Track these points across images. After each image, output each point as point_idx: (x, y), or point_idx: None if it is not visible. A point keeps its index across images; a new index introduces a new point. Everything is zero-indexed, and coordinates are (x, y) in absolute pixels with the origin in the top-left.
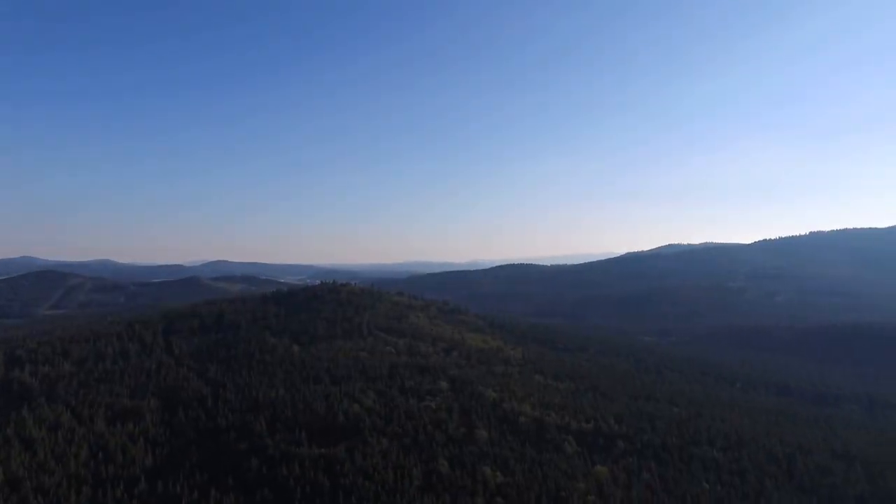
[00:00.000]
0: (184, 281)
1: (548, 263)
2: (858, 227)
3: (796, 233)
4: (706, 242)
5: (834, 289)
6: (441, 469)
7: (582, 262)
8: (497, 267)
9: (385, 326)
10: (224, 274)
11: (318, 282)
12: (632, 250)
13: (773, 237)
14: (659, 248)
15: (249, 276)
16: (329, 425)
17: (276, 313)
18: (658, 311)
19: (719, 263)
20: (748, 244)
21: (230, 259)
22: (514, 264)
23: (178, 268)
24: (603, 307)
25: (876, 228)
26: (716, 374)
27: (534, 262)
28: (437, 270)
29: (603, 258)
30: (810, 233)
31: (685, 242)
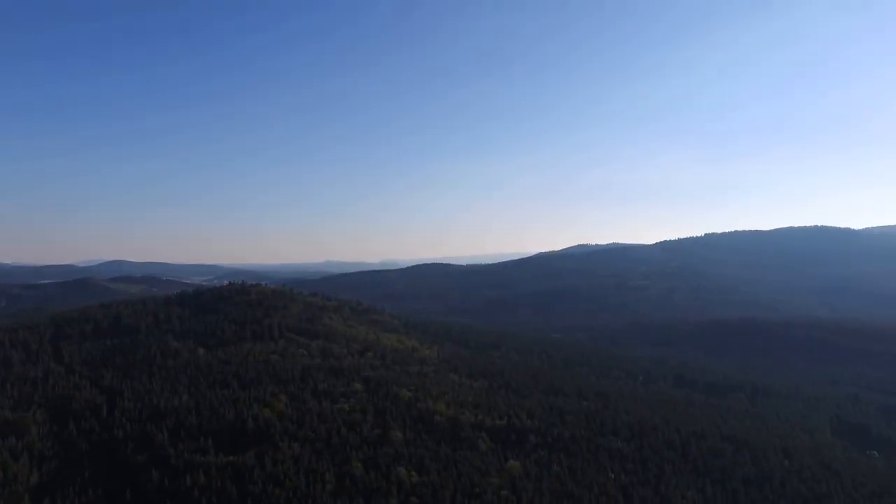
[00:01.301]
0: (76, 282)
1: (463, 263)
2: (747, 229)
3: (693, 234)
4: (612, 243)
5: (725, 286)
6: (355, 472)
7: (496, 261)
8: (412, 266)
9: (297, 328)
10: (122, 274)
11: (225, 282)
12: (543, 250)
13: (672, 238)
14: (569, 248)
15: (150, 277)
16: (237, 431)
17: (181, 316)
18: (567, 309)
19: (624, 263)
20: (650, 244)
21: (129, 259)
22: (428, 264)
23: (69, 268)
24: (516, 306)
25: (762, 231)
26: (621, 367)
27: (448, 262)
28: (350, 270)
29: (516, 258)
30: (705, 234)
31: (593, 243)
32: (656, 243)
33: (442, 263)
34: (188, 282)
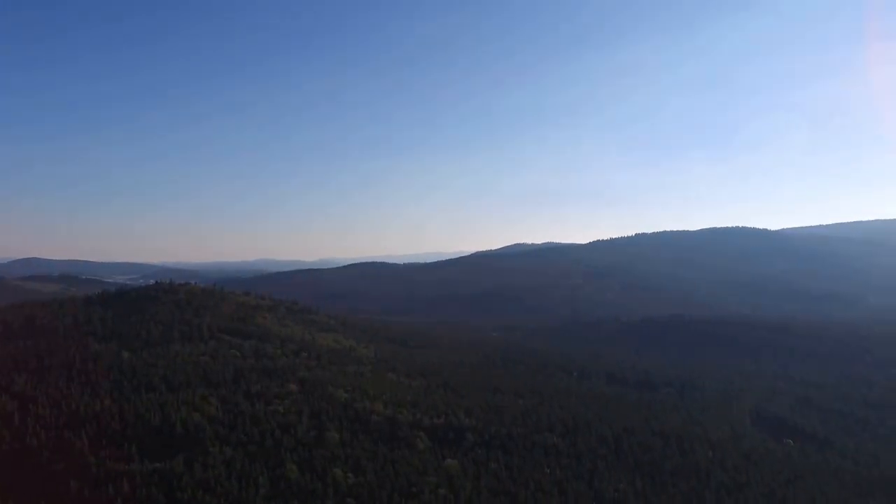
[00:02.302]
0: None
1: (401, 262)
2: (675, 229)
3: (624, 234)
4: (548, 242)
5: (656, 284)
6: (290, 475)
7: (434, 260)
8: (349, 265)
9: (229, 328)
10: (37, 273)
11: (152, 282)
12: (481, 250)
13: (604, 238)
14: (506, 247)
15: (69, 276)
16: (165, 437)
17: (103, 317)
18: (505, 308)
19: (559, 262)
20: (584, 244)
21: (45, 256)
22: (366, 262)
23: None
24: (455, 304)
25: (688, 231)
26: (556, 365)
27: (387, 261)
28: (286, 269)
29: (454, 257)
30: (636, 234)
31: (529, 242)
32: (590, 243)
33: (380, 262)
34: (111, 281)
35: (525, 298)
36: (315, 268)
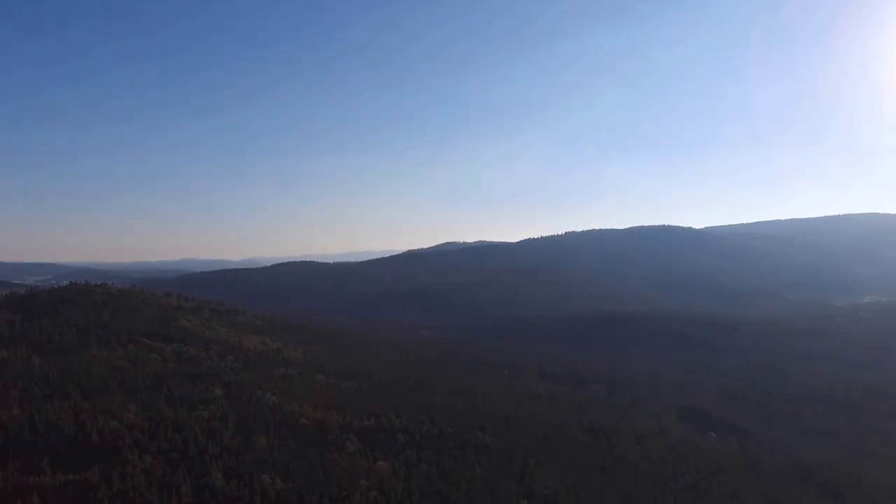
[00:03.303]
0: None
1: (331, 261)
2: (603, 227)
3: (555, 232)
4: (480, 241)
5: (585, 282)
6: (215, 482)
7: (365, 259)
8: (277, 265)
9: (150, 331)
10: None
11: (66, 283)
12: (413, 248)
13: (535, 236)
14: (438, 245)
15: None
16: (79, 447)
17: (10, 320)
18: (437, 306)
19: (491, 260)
20: (515, 242)
21: None
22: (295, 262)
23: None
24: (386, 303)
25: (616, 229)
26: (488, 363)
27: (316, 260)
28: (211, 269)
29: (386, 255)
30: (566, 232)
31: (461, 241)
32: (521, 241)
33: (309, 262)
34: (19, 282)
35: (457, 297)
36: (241, 268)
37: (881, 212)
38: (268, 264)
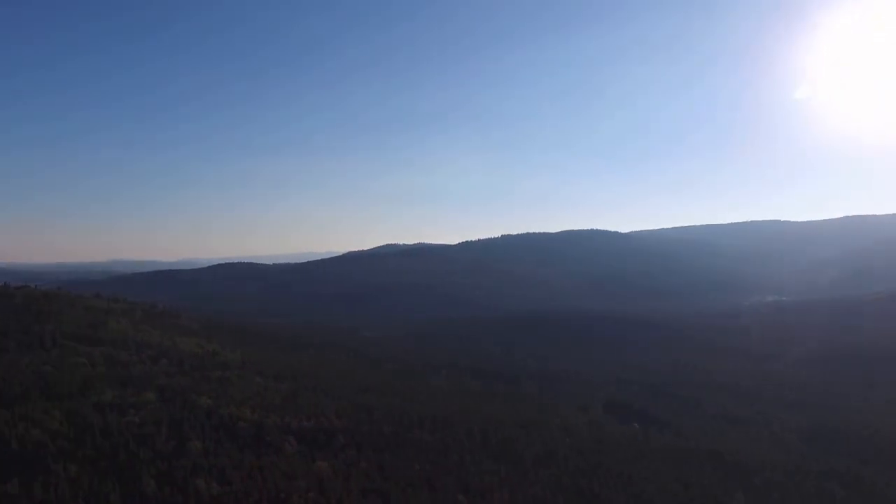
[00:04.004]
0: None
1: (269, 262)
2: (537, 231)
3: (491, 235)
4: (419, 243)
5: (521, 283)
6: (146, 489)
7: (304, 260)
8: (214, 266)
9: (77, 335)
10: None
11: None
12: (353, 250)
13: (473, 239)
14: (377, 247)
15: None
16: None
17: None
18: (377, 307)
19: (430, 262)
20: (454, 245)
21: None
22: (233, 263)
23: None
24: (326, 305)
25: (549, 233)
26: (426, 362)
27: (254, 261)
28: (143, 270)
29: (326, 257)
30: (502, 235)
31: (401, 242)
32: (459, 243)
33: (247, 263)
34: None
35: (396, 298)
36: (176, 268)
37: (782, 219)
38: (203, 265)
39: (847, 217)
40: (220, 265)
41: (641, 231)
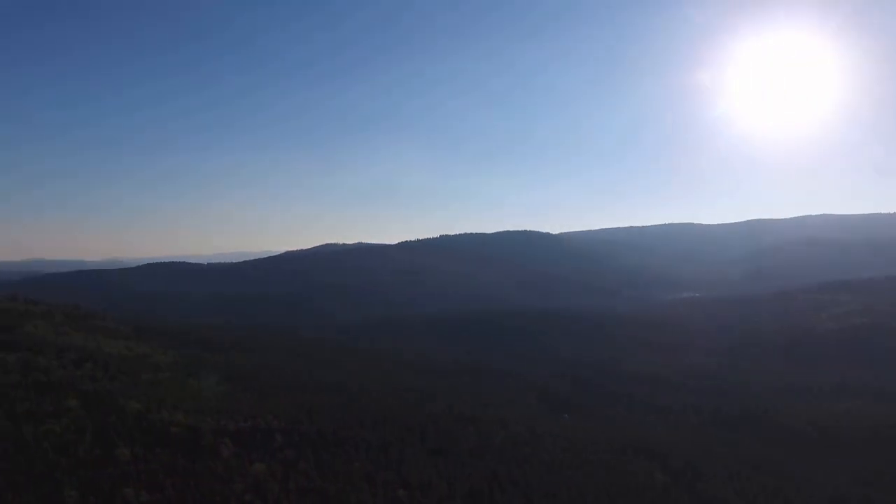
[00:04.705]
0: None
1: (204, 262)
2: (475, 231)
3: (430, 235)
4: (359, 243)
5: (458, 282)
6: (68, 500)
7: (241, 260)
8: (144, 265)
9: None
10: None
11: None
12: (291, 249)
13: (412, 238)
14: (316, 247)
15: None
16: None
17: None
18: (316, 306)
19: (369, 262)
20: (393, 244)
21: None
22: (165, 262)
23: None
24: (264, 304)
25: (486, 233)
26: (366, 360)
27: (188, 260)
28: (65, 270)
29: (263, 256)
30: (440, 235)
31: (340, 242)
32: (398, 243)
33: (180, 262)
34: None
35: (336, 297)
36: (101, 268)
37: (695, 222)
38: (132, 265)
39: (751, 220)
40: (150, 265)
41: (571, 232)
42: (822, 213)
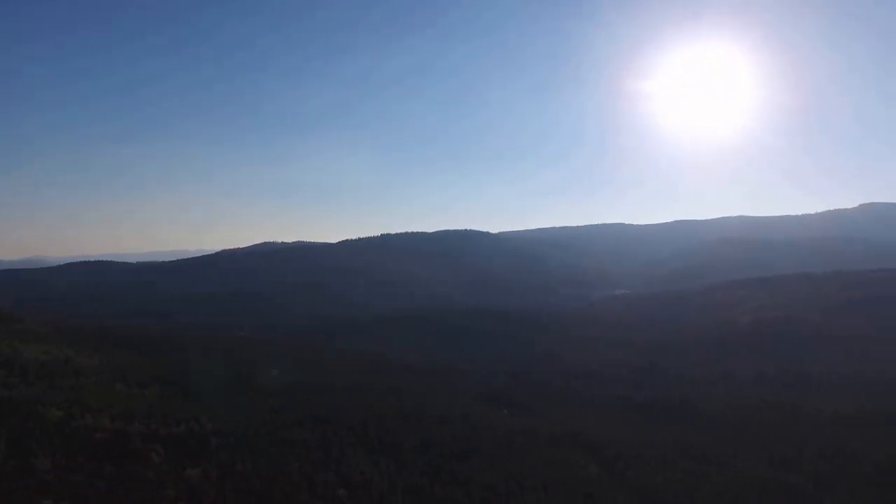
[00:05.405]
0: None
1: (134, 261)
2: (415, 230)
3: (371, 234)
4: (299, 241)
5: (400, 281)
6: None
7: (175, 259)
8: (67, 264)
9: None
10: None
11: None
12: (227, 248)
13: (353, 237)
14: (254, 245)
15: None
16: None
17: None
18: (254, 307)
19: (310, 261)
20: (334, 243)
21: None
22: (91, 261)
23: None
24: (199, 305)
25: (426, 232)
26: (305, 360)
27: (116, 260)
28: None
29: (197, 255)
30: (382, 234)
31: (279, 241)
32: (339, 242)
33: (108, 261)
34: None
35: (274, 297)
36: (19, 268)
37: (626, 222)
38: (54, 264)
39: (677, 221)
40: (74, 264)
41: (510, 232)
42: (739, 214)
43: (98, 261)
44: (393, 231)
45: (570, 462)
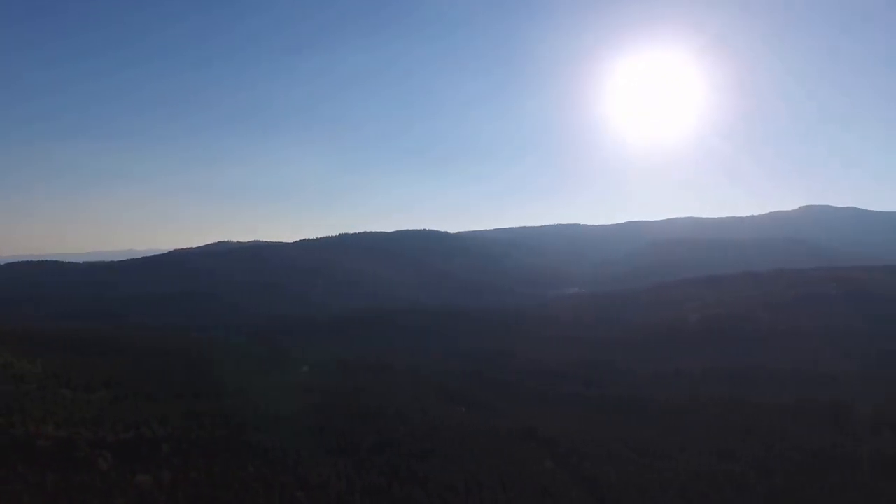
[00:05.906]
0: None
1: (80, 261)
2: (374, 230)
3: (329, 234)
4: (254, 241)
5: (358, 281)
6: None
7: (124, 258)
8: (8, 265)
9: None
10: None
11: None
12: (180, 247)
13: (311, 237)
14: (207, 245)
15: None
16: None
17: None
18: (207, 308)
19: (265, 261)
20: (291, 243)
21: None
22: (32, 261)
23: None
24: (149, 307)
25: (386, 232)
26: (262, 360)
27: (60, 260)
28: None
29: (149, 255)
30: (340, 234)
31: (234, 240)
32: (296, 242)
33: (51, 261)
34: None
35: (229, 297)
36: None
37: (580, 223)
38: None
39: (628, 222)
40: (15, 263)
41: (467, 232)
42: (687, 215)
43: (39, 261)
44: (351, 231)
45: (526, 458)
